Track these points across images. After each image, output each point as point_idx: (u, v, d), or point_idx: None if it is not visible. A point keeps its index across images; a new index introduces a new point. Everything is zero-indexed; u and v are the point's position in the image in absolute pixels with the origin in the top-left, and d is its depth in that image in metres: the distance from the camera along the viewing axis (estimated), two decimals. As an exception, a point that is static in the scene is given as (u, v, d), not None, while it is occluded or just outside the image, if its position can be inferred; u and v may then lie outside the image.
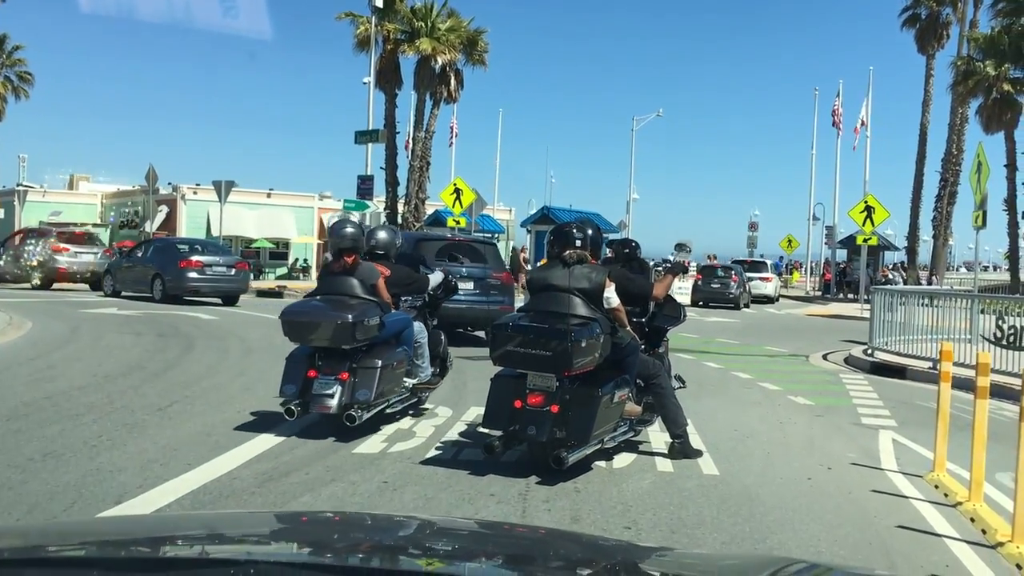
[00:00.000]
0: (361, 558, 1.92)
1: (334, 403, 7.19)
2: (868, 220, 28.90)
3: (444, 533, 2.34)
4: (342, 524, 2.43)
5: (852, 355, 15.48)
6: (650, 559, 2.27)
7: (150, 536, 2.09)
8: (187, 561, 1.76)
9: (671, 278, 7.65)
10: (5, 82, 52.73)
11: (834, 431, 8.67)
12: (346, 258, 7.73)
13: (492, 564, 1.99)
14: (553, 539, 2.61)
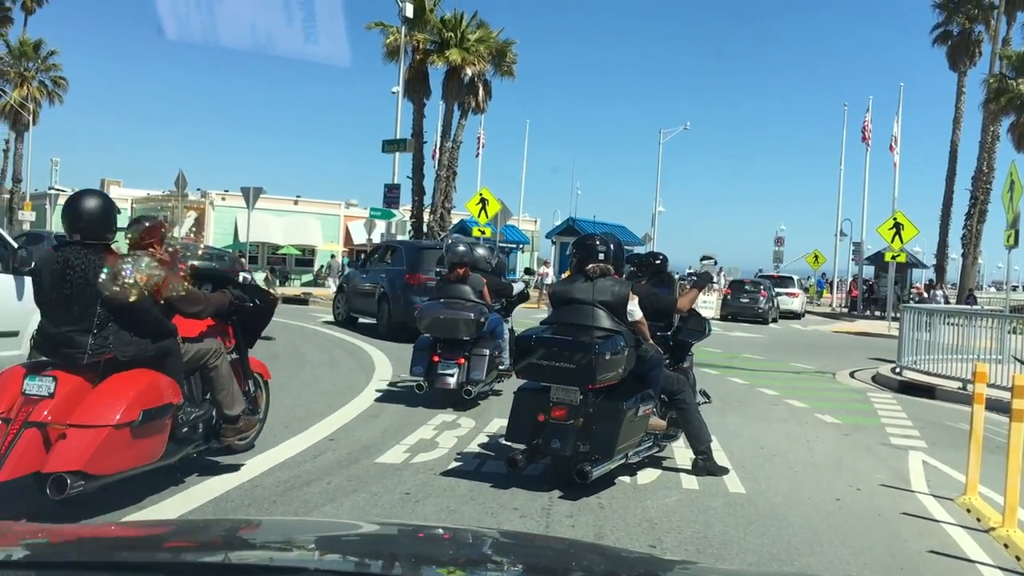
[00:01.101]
0: (382, 565, 1.91)
1: (453, 381, 9.21)
2: (897, 237, 28.63)
3: (466, 543, 2.33)
4: (364, 532, 2.42)
5: (880, 373, 15.28)
6: (672, 572, 2.24)
7: (200, 540, 2.10)
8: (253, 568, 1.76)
9: (696, 292, 7.57)
10: (40, 87, 53.54)
11: (862, 451, 8.53)
12: (459, 270, 9.88)
13: (514, 573, 1.97)
14: (575, 550, 2.58)
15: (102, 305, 5.02)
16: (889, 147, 42.41)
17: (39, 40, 54.34)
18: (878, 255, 39.56)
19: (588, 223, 47.37)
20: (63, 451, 4.72)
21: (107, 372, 5.09)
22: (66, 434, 4.77)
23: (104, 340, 5.06)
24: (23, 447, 4.71)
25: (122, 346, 5.10)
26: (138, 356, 5.16)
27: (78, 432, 4.76)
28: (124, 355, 5.10)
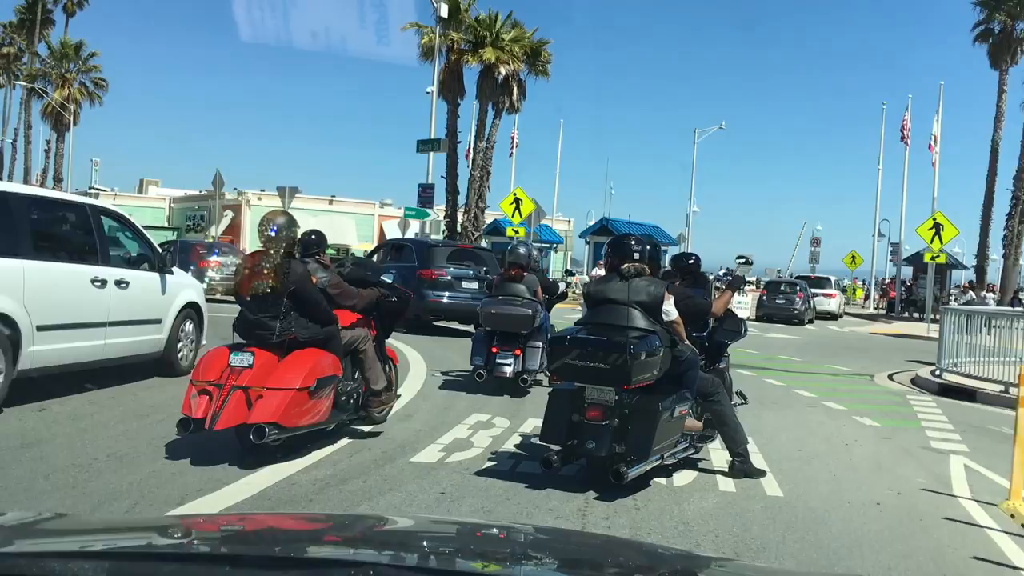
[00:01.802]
0: (417, 559, 1.95)
1: (510, 370, 10.24)
2: (936, 237, 28.20)
3: (503, 538, 2.34)
4: (400, 527, 2.46)
5: (919, 376, 15.07)
6: (709, 568, 2.23)
7: (258, 533, 2.18)
8: (306, 561, 1.79)
9: (731, 293, 7.52)
10: (81, 88, 54.40)
11: (902, 454, 8.41)
12: (515, 271, 10.86)
13: (549, 568, 1.99)
14: (612, 546, 2.57)
15: (287, 297, 6.58)
16: (928, 146, 41.80)
17: (80, 42, 55.32)
18: (917, 256, 39.03)
19: (622, 223, 47.21)
20: (262, 407, 6.25)
21: (289, 349, 6.64)
22: (263, 395, 6.29)
23: (288, 324, 6.60)
24: (232, 405, 6.27)
25: (301, 329, 6.65)
26: (312, 338, 6.71)
27: (272, 393, 6.29)
28: (302, 336, 6.65)
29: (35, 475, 5.71)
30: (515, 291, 10.73)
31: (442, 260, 17.32)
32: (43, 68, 55.61)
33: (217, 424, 6.19)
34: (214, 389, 6.33)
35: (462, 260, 17.97)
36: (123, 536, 2.11)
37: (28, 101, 59.05)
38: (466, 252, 19.21)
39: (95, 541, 1.95)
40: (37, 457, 6.18)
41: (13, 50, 63.47)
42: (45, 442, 6.63)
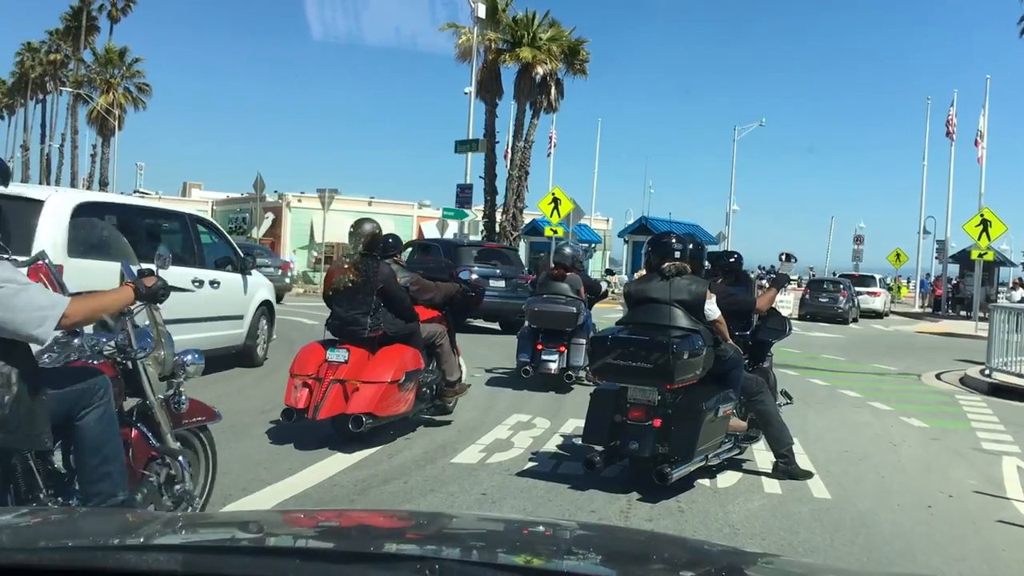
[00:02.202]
0: (459, 552, 1.96)
1: (555, 367, 10.49)
2: (984, 234, 27.59)
3: (549, 535, 2.34)
4: (458, 523, 2.50)
5: (968, 375, 14.73)
6: (756, 564, 2.21)
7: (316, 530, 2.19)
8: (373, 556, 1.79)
9: (774, 291, 7.42)
10: (125, 93, 55.28)
11: (952, 456, 8.22)
12: (559, 270, 11.12)
13: (591, 562, 2.00)
14: (656, 542, 2.56)
15: (377, 295, 7.17)
16: (975, 142, 40.98)
17: (124, 48, 56.21)
18: (963, 253, 38.27)
19: (661, 222, 46.86)
20: (358, 399, 6.87)
21: (378, 345, 7.25)
22: (359, 388, 6.91)
23: (378, 320, 7.21)
24: (332, 397, 6.88)
25: (389, 324, 7.25)
26: (398, 332, 7.33)
27: (367, 386, 6.92)
28: (390, 331, 7.25)
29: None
30: (559, 289, 10.96)
31: (469, 260, 17.74)
32: (88, 74, 56.60)
33: (320, 414, 6.82)
34: (314, 383, 6.98)
35: (489, 260, 18.53)
36: (190, 530, 2.15)
37: (74, 107, 60.24)
38: (493, 252, 19.86)
39: (166, 534, 1.99)
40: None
41: (60, 57, 64.78)
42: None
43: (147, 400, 4.25)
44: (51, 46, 65.96)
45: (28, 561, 1.56)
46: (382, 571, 1.58)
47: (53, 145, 69.16)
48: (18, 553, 1.61)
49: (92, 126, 56.21)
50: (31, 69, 68.63)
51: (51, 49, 66.04)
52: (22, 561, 1.55)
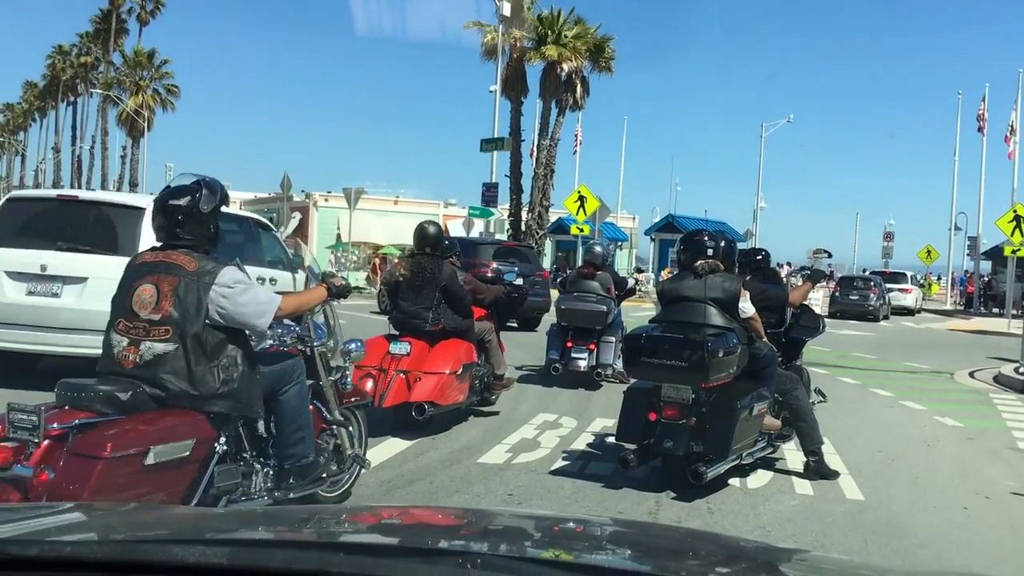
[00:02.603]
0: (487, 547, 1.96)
1: (584, 364, 10.49)
2: (1017, 230, 27.12)
3: (579, 531, 2.34)
4: (487, 518, 2.50)
5: (1002, 373, 14.48)
6: (790, 561, 2.16)
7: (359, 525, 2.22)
8: (415, 550, 1.80)
9: (809, 286, 7.37)
10: (154, 95, 55.74)
11: (988, 456, 8.05)
12: (588, 268, 11.21)
13: (624, 557, 1.99)
14: (692, 538, 2.55)
15: (439, 292, 7.60)
16: (1005, 137, 40.31)
17: (152, 50, 56.66)
18: (996, 249, 37.74)
19: (688, 220, 46.59)
20: (420, 388, 7.31)
21: (437, 339, 7.67)
22: (421, 378, 7.35)
23: (438, 315, 7.64)
24: (395, 387, 7.28)
25: (448, 320, 7.70)
26: (456, 328, 7.76)
27: (428, 376, 7.37)
28: (449, 325, 7.70)
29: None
30: (589, 288, 10.97)
31: (487, 257, 17.97)
32: (118, 76, 57.12)
33: (385, 402, 7.20)
34: (378, 373, 7.36)
35: (506, 257, 18.71)
36: (234, 524, 2.17)
37: (104, 109, 60.88)
38: (510, 250, 20.18)
39: (211, 529, 2.02)
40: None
41: (90, 59, 65.56)
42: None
43: (320, 381, 5.10)
44: (81, 49, 66.78)
45: (76, 554, 1.58)
46: (424, 565, 1.59)
47: (84, 147, 70.05)
48: (66, 546, 1.63)
49: (122, 128, 56.73)
50: (62, 72, 69.56)
51: (81, 52, 66.87)
52: (70, 554, 1.57)
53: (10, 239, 8.78)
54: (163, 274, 4.15)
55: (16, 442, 3.66)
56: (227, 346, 4.19)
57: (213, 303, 4.12)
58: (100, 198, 10.30)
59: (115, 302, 4.28)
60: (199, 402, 4.10)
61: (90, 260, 8.46)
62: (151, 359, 4.06)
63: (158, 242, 4.39)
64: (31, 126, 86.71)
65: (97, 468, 3.58)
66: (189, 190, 4.35)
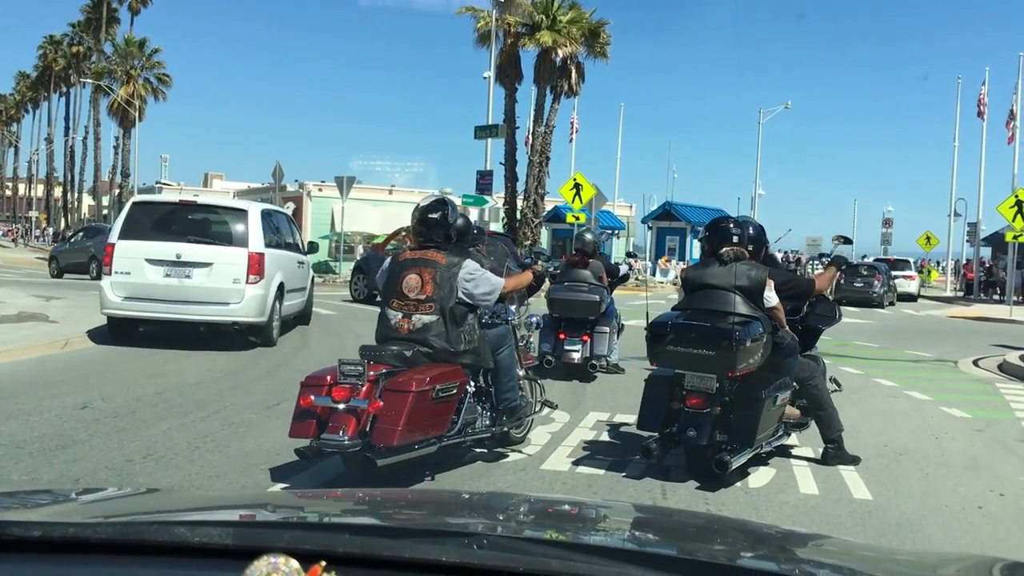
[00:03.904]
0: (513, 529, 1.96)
1: (578, 356, 10.19)
2: (1019, 215, 26.80)
3: (606, 515, 2.34)
4: (496, 501, 2.54)
5: (1007, 361, 14.12)
6: (817, 546, 2.18)
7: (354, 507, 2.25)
8: (422, 531, 1.79)
9: (834, 270, 7.27)
10: (145, 84, 55.18)
11: (999, 449, 7.70)
12: (580, 257, 10.83)
13: (656, 542, 2.00)
14: (716, 524, 2.56)
15: None
16: (1006, 123, 39.88)
17: (144, 39, 56.12)
18: (996, 235, 37.43)
19: (685, 207, 46.20)
20: None
21: None
22: None
23: None
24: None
25: None
26: None
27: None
28: None
29: (63, 478, 5.41)
30: (581, 277, 10.64)
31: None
32: (108, 65, 56.52)
33: None
34: None
35: None
36: (239, 505, 2.21)
37: (96, 99, 60.23)
38: (490, 238, 19.95)
39: (217, 510, 2.10)
40: (70, 459, 5.88)
41: (82, 49, 64.85)
42: (81, 443, 6.34)
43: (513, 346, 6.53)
44: (73, 38, 66.09)
45: (80, 535, 1.56)
46: (430, 545, 1.57)
47: (77, 138, 69.43)
48: (70, 527, 1.60)
49: (113, 118, 56.21)
50: (54, 62, 68.91)
51: (73, 41, 66.18)
52: (75, 535, 1.56)
53: (144, 234, 11.44)
54: (423, 267, 5.76)
55: (347, 385, 5.27)
56: (468, 316, 5.81)
57: (460, 286, 5.74)
58: (213, 202, 14.20)
59: (386, 287, 5.90)
60: (454, 356, 5.72)
61: (214, 250, 11.51)
62: (420, 327, 5.69)
63: (415, 243, 6.08)
64: (24, 117, 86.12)
65: (409, 399, 5.23)
66: (439, 207, 6.08)
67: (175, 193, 48.75)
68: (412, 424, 5.24)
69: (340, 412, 5.24)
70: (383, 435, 5.16)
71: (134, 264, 11.26)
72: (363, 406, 5.24)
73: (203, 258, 11.33)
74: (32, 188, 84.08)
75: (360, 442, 5.22)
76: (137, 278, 11.25)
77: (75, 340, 11.38)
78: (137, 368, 9.90)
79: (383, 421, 5.19)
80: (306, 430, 5.28)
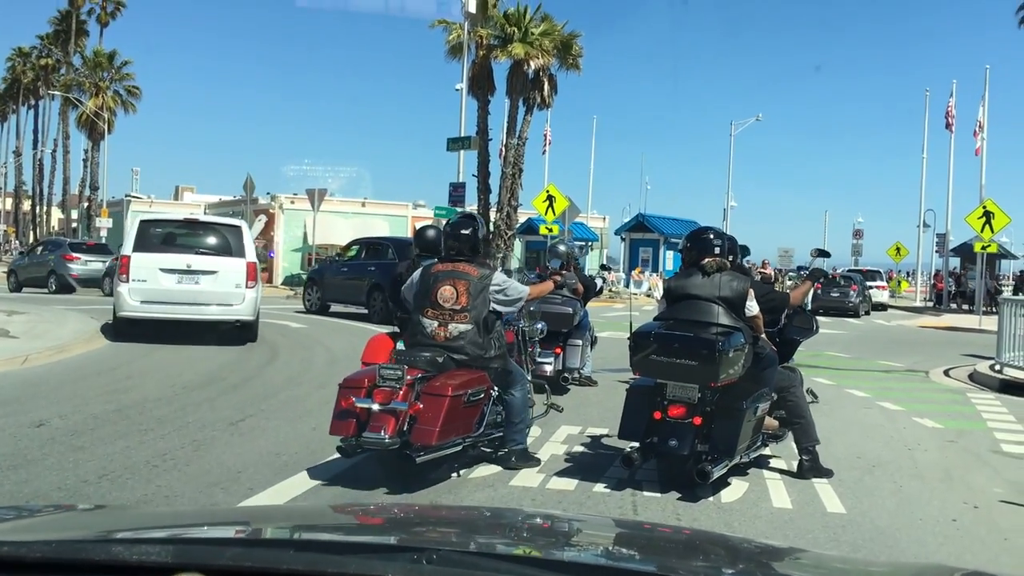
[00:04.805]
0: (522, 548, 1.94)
1: (550, 369, 9.97)
2: (987, 226, 27.06)
3: (545, 526, 2.30)
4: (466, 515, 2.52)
5: (978, 371, 14.16)
6: (795, 561, 2.16)
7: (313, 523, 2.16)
8: (371, 546, 1.78)
9: (810, 284, 7.34)
10: (115, 96, 54.57)
11: (972, 460, 7.66)
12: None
13: (632, 557, 1.96)
14: (694, 539, 2.51)
15: None
16: (973, 132, 40.32)
17: (113, 51, 55.49)
18: (964, 246, 37.83)
19: (658, 219, 46.34)
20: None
21: None
22: None
23: None
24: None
25: None
26: None
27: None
28: None
29: (14, 499, 5.19)
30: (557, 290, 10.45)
31: None
32: (77, 77, 55.87)
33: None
34: None
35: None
36: (182, 523, 2.15)
37: (65, 111, 59.52)
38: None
39: (157, 528, 2.01)
40: (22, 480, 5.67)
41: (51, 61, 64.07)
42: (35, 463, 6.12)
43: (522, 354, 7.76)
44: (42, 51, 65.29)
45: (16, 554, 1.54)
46: (378, 561, 1.55)
47: (46, 151, 68.53)
48: (5, 546, 1.59)
49: (82, 130, 55.49)
50: (23, 74, 67.95)
51: (42, 54, 65.38)
52: (9, 553, 1.53)
53: (154, 247, 13.28)
54: (457, 279, 6.18)
55: (387, 388, 5.66)
56: (495, 324, 6.32)
57: (492, 297, 6.20)
58: (213, 220, 15.46)
59: (418, 297, 6.30)
60: (484, 361, 6.17)
61: (218, 260, 13.37)
62: (456, 335, 6.10)
63: (446, 256, 6.44)
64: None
65: (446, 402, 5.66)
66: (470, 222, 6.53)
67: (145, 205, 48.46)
68: (447, 425, 5.69)
69: (380, 412, 5.64)
70: (422, 435, 5.62)
71: (149, 273, 12.89)
72: (403, 408, 5.66)
73: (210, 267, 13.28)
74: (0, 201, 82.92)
75: (399, 440, 5.62)
76: (152, 284, 12.88)
77: (35, 356, 11.11)
78: (98, 384, 9.66)
79: (422, 422, 5.64)
80: (346, 428, 5.70)
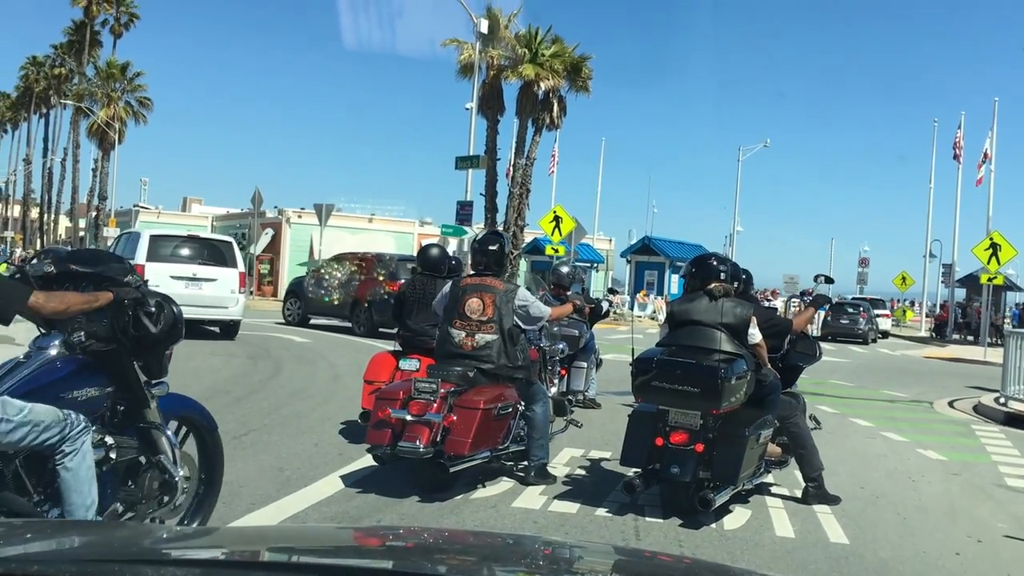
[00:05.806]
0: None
1: (555, 391, 9.45)
2: (993, 258, 27.03)
3: (547, 552, 2.23)
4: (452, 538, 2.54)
5: (983, 403, 14.10)
6: None
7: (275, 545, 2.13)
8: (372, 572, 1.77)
9: (813, 310, 7.29)
10: (126, 107, 54.89)
11: (976, 493, 7.62)
12: (557, 290, 10.73)
13: None
14: (695, 569, 2.42)
15: None
16: (978, 164, 40.32)
17: (126, 62, 55.83)
18: (970, 277, 37.80)
19: (664, 242, 46.38)
20: None
21: None
22: None
23: None
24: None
25: None
26: None
27: None
28: None
29: (16, 510, 5.19)
30: None
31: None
32: (90, 87, 56.22)
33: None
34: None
35: None
36: (192, 543, 2.16)
37: (76, 120, 59.85)
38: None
39: (177, 548, 2.01)
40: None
41: (64, 71, 64.50)
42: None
43: (543, 371, 8.32)
44: (55, 60, 65.75)
45: (44, 573, 1.55)
46: None
47: (55, 159, 68.86)
48: (33, 565, 1.59)
49: (92, 140, 55.77)
50: (35, 83, 68.44)
51: (55, 63, 65.84)
52: (38, 572, 1.54)
53: (163, 257, 16.05)
54: (484, 292, 6.52)
55: (422, 400, 5.97)
56: (520, 336, 6.59)
57: (516, 310, 6.51)
58: (209, 237, 19.22)
59: (447, 309, 6.63)
60: (510, 371, 6.44)
61: (217, 270, 16.33)
62: (483, 344, 6.42)
63: (473, 271, 6.90)
64: (3, 137, 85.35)
65: (479, 415, 5.96)
66: (496, 239, 6.99)
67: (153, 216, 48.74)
68: (479, 437, 5.95)
69: (415, 423, 5.93)
70: (455, 445, 5.89)
71: (162, 279, 14.30)
72: (437, 420, 5.94)
73: (211, 275, 16.20)
74: (9, 208, 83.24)
75: (433, 450, 5.89)
76: (164, 290, 14.60)
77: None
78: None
79: (455, 433, 5.92)
80: (382, 438, 6.02)
